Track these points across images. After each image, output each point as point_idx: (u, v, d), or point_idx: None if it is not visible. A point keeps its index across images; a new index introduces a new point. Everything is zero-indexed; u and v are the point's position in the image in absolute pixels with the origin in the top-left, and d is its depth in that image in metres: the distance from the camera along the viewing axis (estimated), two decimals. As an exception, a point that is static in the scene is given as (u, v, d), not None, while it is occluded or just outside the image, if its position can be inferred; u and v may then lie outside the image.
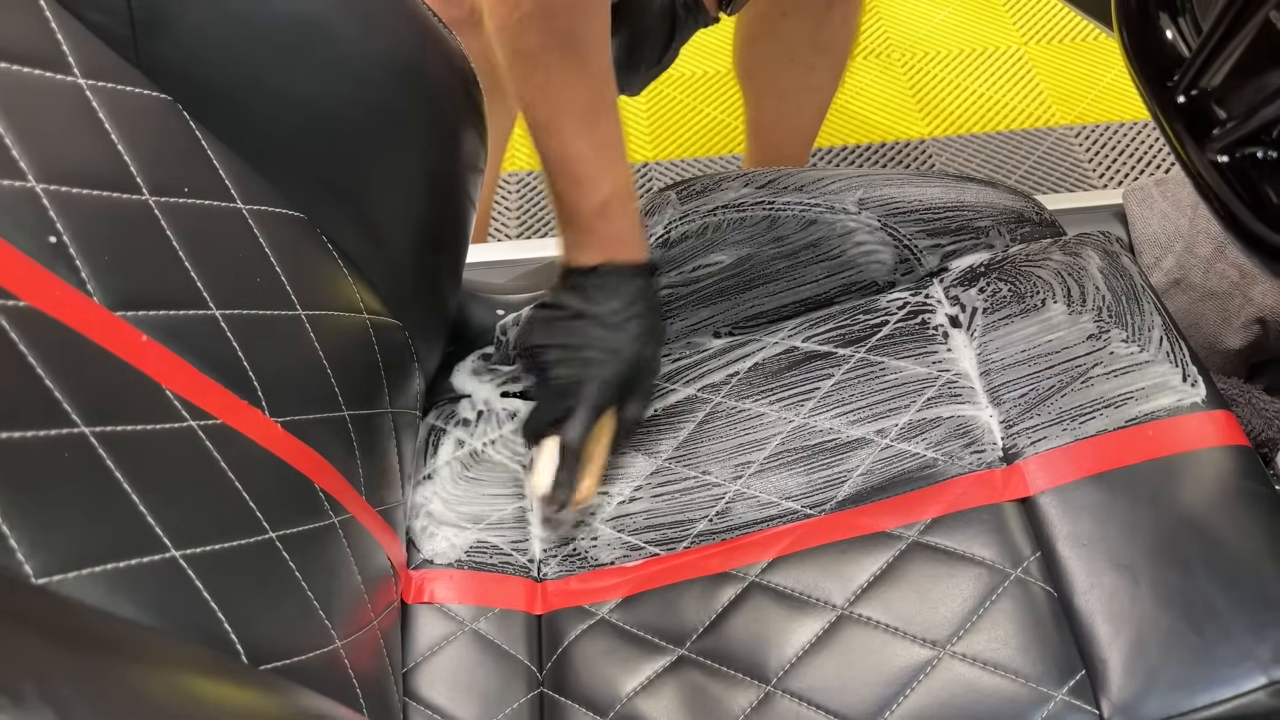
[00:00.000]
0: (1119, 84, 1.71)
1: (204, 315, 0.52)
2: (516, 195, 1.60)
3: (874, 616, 0.65)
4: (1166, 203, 1.07)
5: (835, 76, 1.20)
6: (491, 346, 0.83)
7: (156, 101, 0.54)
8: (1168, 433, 0.67)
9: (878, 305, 0.80)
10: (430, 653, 0.68)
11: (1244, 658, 0.59)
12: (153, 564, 0.43)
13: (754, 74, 1.22)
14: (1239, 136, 0.47)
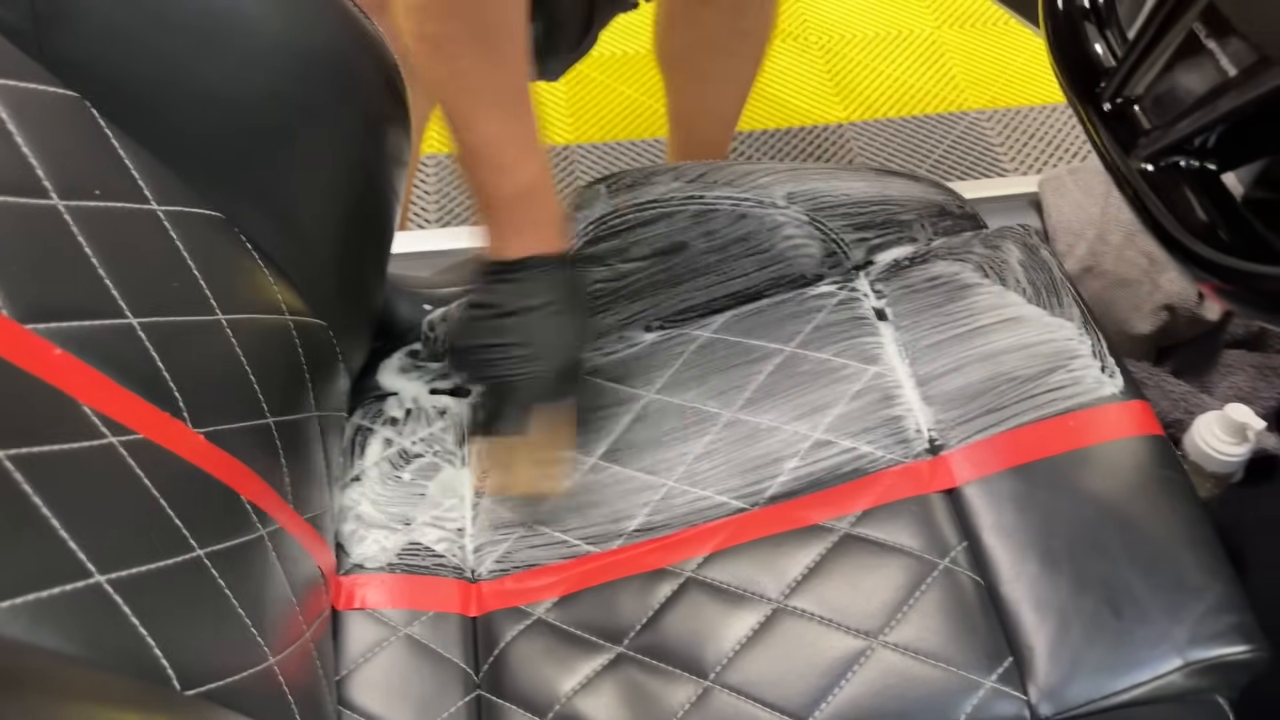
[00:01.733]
0: (1030, 68, 1.75)
1: (120, 324, 0.50)
2: (435, 179, 1.58)
3: (808, 609, 0.66)
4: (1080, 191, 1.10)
5: (755, 62, 1.21)
6: (419, 343, 0.81)
7: (63, 99, 0.51)
8: (1087, 423, 0.69)
9: (806, 298, 0.80)
10: (363, 659, 0.66)
11: (1161, 640, 0.61)
12: (76, 591, 0.41)
13: (675, 61, 1.22)
14: (1163, 145, 0.48)
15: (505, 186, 0.71)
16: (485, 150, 0.71)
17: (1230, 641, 0.61)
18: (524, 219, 0.73)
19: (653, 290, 0.80)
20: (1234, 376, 1.05)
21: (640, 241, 0.78)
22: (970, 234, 0.83)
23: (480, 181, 0.72)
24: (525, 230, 0.72)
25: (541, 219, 0.73)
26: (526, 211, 0.73)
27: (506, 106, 0.70)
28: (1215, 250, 0.47)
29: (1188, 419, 0.98)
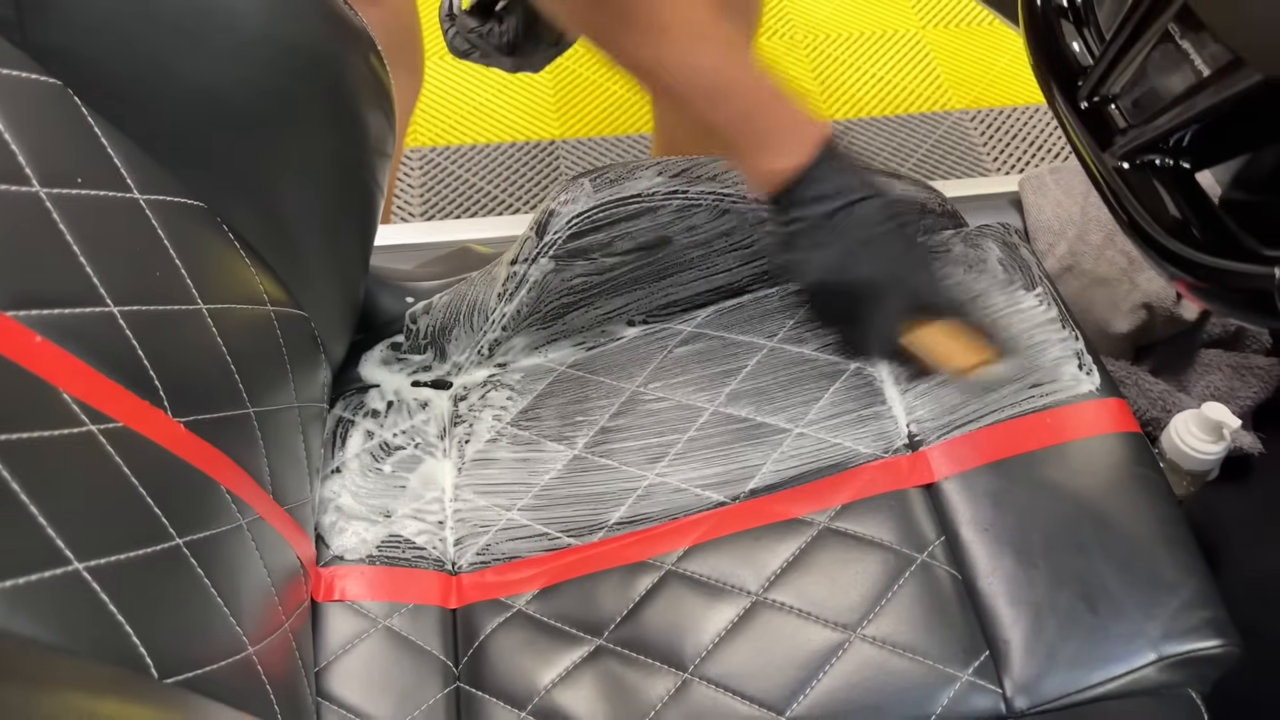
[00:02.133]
0: (1013, 68, 1.76)
1: (101, 313, 0.50)
2: (419, 172, 1.57)
3: (787, 602, 0.66)
4: (1060, 191, 1.10)
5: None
6: (401, 335, 0.81)
7: (46, 86, 0.51)
8: (1065, 420, 0.70)
9: (789, 294, 0.81)
10: (342, 651, 0.66)
11: (1135, 635, 0.62)
12: (54, 578, 0.41)
13: None
14: (1139, 143, 0.49)
15: (741, 103, 0.68)
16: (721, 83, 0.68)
17: (1203, 637, 0.62)
18: (789, 120, 0.69)
19: (636, 285, 0.80)
20: (1211, 375, 1.06)
21: (623, 236, 0.78)
22: (951, 232, 0.83)
23: (729, 117, 0.68)
24: (788, 134, 0.69)
25: (795, 116, 0.69)
26: (787, 111, 0.69)
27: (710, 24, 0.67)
28: (1189, 248, 0.48)
29: (1165, 417, 0.99)
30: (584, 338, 0.82)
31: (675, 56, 0.66)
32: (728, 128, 0.69)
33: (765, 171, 0.69)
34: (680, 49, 0.66)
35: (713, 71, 0.67)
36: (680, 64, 0.66)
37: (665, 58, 0.66)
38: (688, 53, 0.66)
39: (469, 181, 1.56)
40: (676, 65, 0.67)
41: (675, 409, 0.77)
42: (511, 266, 0.79)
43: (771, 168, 0.69)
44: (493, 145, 1.61)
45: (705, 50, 0.67)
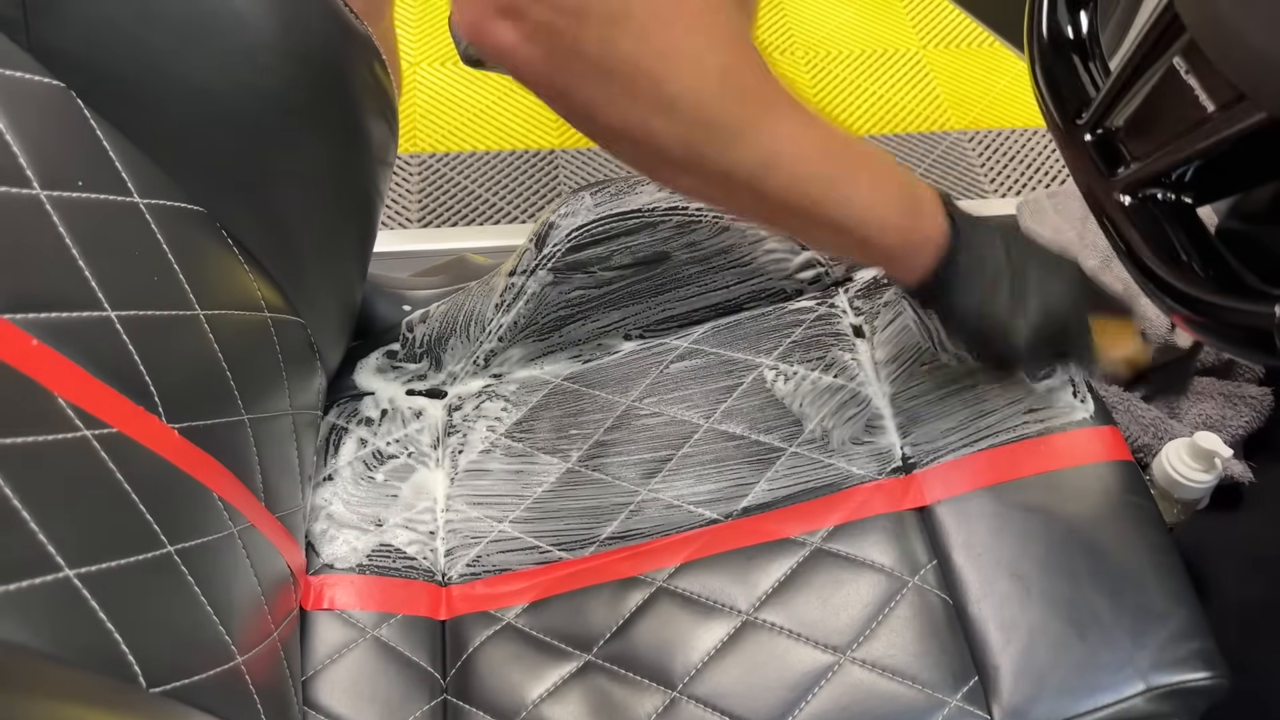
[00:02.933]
0: (1012, 90, 1.77)
1: (98, 317, 0.49)
2: (418, 179, 1.57)
3: (778, 622, 0.66)
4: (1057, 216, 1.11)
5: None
6: (397, 343, 0.81)
7: (49, 89, 0.51)
8: (1058, 447, 0.70)
9: (785, 313, 0.81)
10: (330, 660, 0.66)
11: (1125, 665, 0.62)
12: (45, 585, 0.41)
13: None
14: (1140, 176, 0.49)
15: (874, 227, 0.58)
16: (842, 208, 0.57)
17: (1192, 668, 0.62)
18: (909, 228, 0.60)
19: (633, 299, 0.80)
20: (1203, 404, 1.07)
21: (622, 250, 0.78)
22: (949, 255, 0.83)
23: (864, 238, 0.59)
24: (918, 232, 0.61)
25: (924, 196, 0.62)
26: (918, 209, 0.61)
27: (804, 116, 0.54)
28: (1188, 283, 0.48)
29: (1157, 444, 0.99)
30: (580, 351, 0.82)
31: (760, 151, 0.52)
32: (836, 249, 0.60)
33: (902, 282, 0.63)
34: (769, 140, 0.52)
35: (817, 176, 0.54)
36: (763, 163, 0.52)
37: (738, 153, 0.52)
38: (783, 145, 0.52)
39: (468, 189, 1.56)
40: (753, 165, 0.52)
41: (670, 425, 0.77)
42: (510, 278, 0.79)
43: (907, 281, 0.63)
44: (493, 153, 1.61)
45: (807, 134, 0.53)
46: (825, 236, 0.59)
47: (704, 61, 0.49)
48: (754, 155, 0.52)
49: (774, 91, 0.52)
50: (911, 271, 0.62)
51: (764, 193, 0.53)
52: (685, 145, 0.50)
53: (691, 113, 0.49)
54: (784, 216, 0.56)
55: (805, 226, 0.57)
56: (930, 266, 0.61)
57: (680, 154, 0.51)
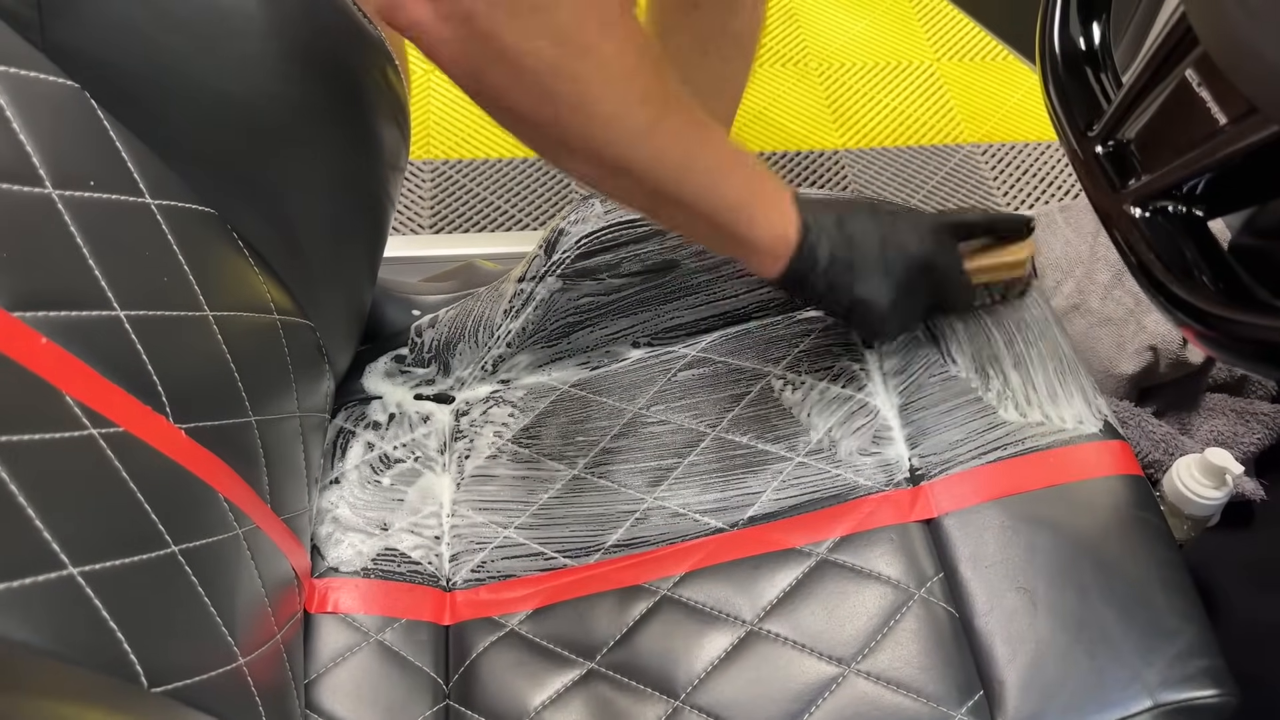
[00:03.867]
0: (1025, 104, 1.77)
1: (107, 316, 0.50)
2: (431, 185, 1.58)
3: (782, 633, 0.66)
4: (1069, 229, 1.10)
5: (747, 67, 1.21)
6: (405, 348, 0.81)
7: (63, 89, 0.51)
8: (1067, 460, 0.70)
9: (794, 322, 0.81)
10: (333, 664, 0.66)
11: (1132, 681, 0.61)
12: (48, 582, 0.41)
13: None
14: (1152, 189, 0.49)
15: (748, 199, 0.63)
16: (717, 195, 0.61)
17: (1201, 685, 0.62)
18: (776, 207, 0.65)
19: (642, 307, 0.80)
20: (1215, 420, 1.06)
21: (632, 258, 0.78)
22: (960, 267, 0.83)
23: (726, 224, 0.63)
24: (781, 214, 0.65)
25: (780, 201, 0.65)
26: (775, 199, 0.65)
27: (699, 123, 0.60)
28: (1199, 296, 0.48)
29: (1167, 460, 0.99)
30: (588, 358, 0.82)
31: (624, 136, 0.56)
32: (710, 242, 0.65)
33: (758, 271, 0.67)
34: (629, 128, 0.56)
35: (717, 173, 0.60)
36: (632, 148, 0.56)
37: (602, 136, 0.55)
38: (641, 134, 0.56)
39: (480, 196, 1.57)
40: (625, 149, 0.56)
41: (676, 433, 0.76)
42: (519, 284, 0.79)
43: (770, 273, 0.67)
44: (505, 160, 1.61)
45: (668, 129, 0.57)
46: (703, 229, 0.64)
47: (614, 63, 0.53)
48: (648, 151, 0.57)
49: (670, 92, 0.57)
50: (775, 262, 0.66)
51: (653, 185, 0.59)
52: (587, 139, 0.55)
53: (598, 110, 0.53)
54: (667, 207, 0.61)
55: (688, 220, 0.62)
56: (788, 256, 0.66)
57: (581, 145, 0.55)
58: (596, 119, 0.54)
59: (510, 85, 0.52)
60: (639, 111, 0.55)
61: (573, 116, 0.53)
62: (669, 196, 0.60)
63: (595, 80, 0.53)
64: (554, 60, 0.51)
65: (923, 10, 1.92)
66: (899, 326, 0.74)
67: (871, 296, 0.68)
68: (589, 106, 0.53)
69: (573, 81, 0.52)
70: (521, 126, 0.55)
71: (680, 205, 0.61)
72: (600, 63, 0.52)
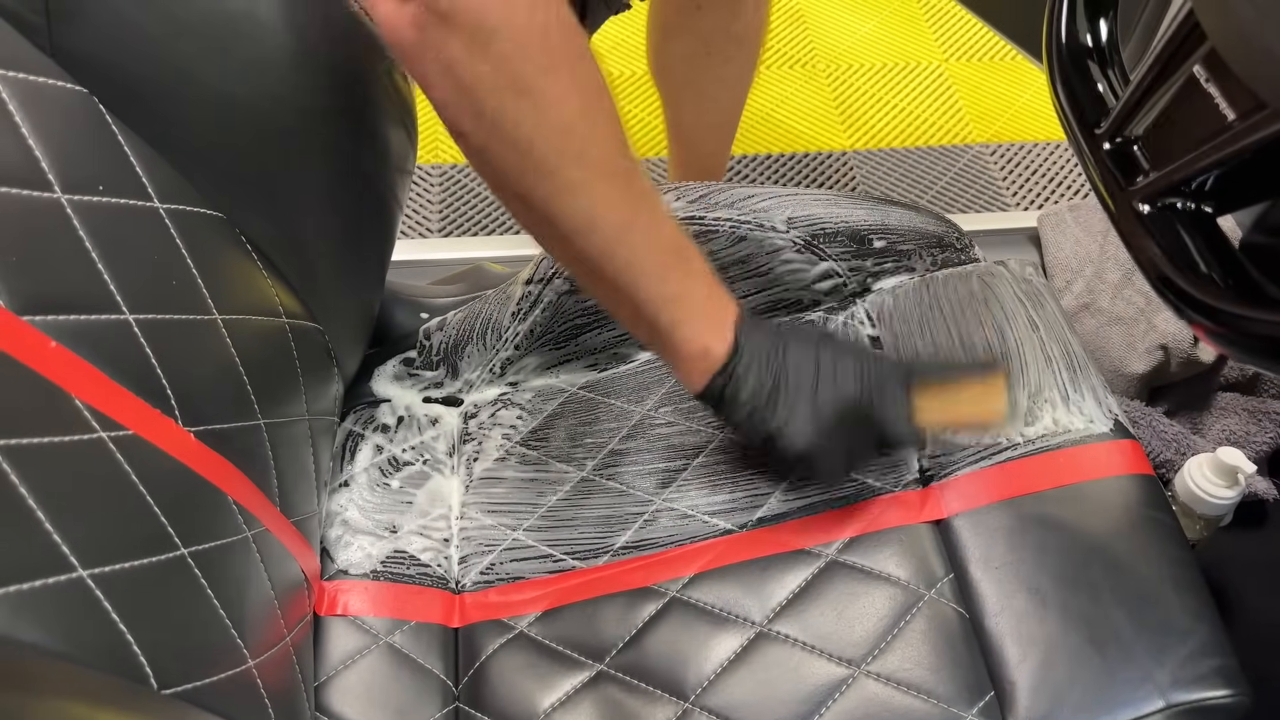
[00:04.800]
0: (1034, 104, 1.76)
1: (116, 320, 0.50)
2: (439, 188, 1.58)
3: (792, 634, 0.66)
4: (1079, 228, 1.10)
5: (750, 68, 1.21)
6: (414, 351, 0.81)
7: (71, 94, 0.51)
8: (1078, 460, 0.69)
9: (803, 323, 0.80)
10: (343, 666, 0.66)
11: (1144, 681, 0.61)
12: (58, 585, 0.41)
13: (671, 70, 1.22)
14: (1160, 186, 0.49)
15: (666, 312, 0.60)
16: (635, 268, 0.58)
17: (1213, 685, 0.61)
18: (713, 306, 0.62)
19: (650, 309, 0.80)
20: (1227, 419, 1.06)
21: (640, 260, 0.78)
22: (968, 266, 0.83)
23: (654, 317, 0.60)
24: (718, 315, 0.62)
25: (717, 292, 0.63)
26: (713, 300, 0.63)
27: (616, 167, 0.57)
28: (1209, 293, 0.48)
29: (1179, 460, 0.98)
30: (596, 359, 0.82)
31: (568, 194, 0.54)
32: (617, 313, 0.60)
33: (680, 378, 0.64)
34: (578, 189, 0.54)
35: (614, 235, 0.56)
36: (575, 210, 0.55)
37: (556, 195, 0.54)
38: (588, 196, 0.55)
39: (488, 199, 1.57)
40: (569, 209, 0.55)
41: (685, 434, 0.76)
42: (526, 286, 0.79)
43: (684, 380, 0.64)
44: (512, 164, 1.61)
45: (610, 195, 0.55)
46: (626, 315, 0.61)
47: (552, 110, 0.52)
48: (578, 213, 0.55)
49: (617, 160, 0.56)
50: (696, 375, 0.63)
51: (578, 250, 0.56)
52: (518, 178, 0.54)
53: (531, 153, 0.52)
54: (590, 278, 0.59)
55: (612, 300, 0.60)
56: (710, 373, 0.63)
57: (512, 183, 0.54)
58: (529, 161, 0.53)
59: (452, 100, 0.52)
60: (572, 169, 0.54)
61: (505, 151, 0.52)
62: (592, 267, 0.57)
63: (528, 122, 0.52)
64: (494, 87, 0.50)
65: (930, 11, 1.92)
66: (825, 472, 0.68)
67: (791, 436, 0.63)
68: (522, 146, 0.52)
69: (510, 115, 0.51)
70: (461, 141, 0.54)
71: (603, 280, 0.58)
72: (537, 105, 0.51)
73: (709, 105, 1.24)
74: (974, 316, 0.77)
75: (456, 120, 0.53)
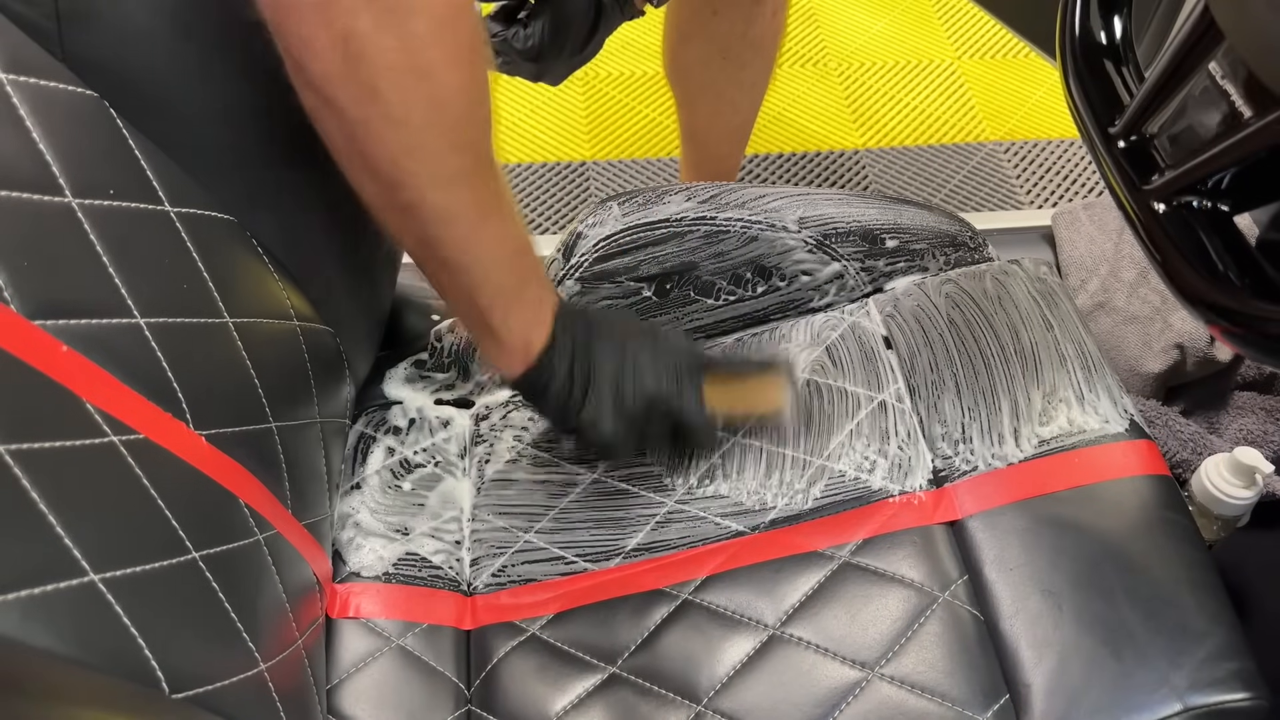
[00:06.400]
0: (1048, 101, 1.75)
1: (127, 324, 0.50)
2: (450, 190, 1.58)
3: (805, 637, 0.65)
4: (1093, 226, 1.09)
5: (766, 73, 1.21)
6: (425, 353, 0.81)
7: (82, 98, 0.51)
8: (1093, 461, 0.69)
9: (815, 324, 0.80)
10: (355, 669, 0.66)
11: (1160, 684, 0.60)
12: (69, 589, 0.41)
13: (687, 74, 1.22)
14: (1176, 184, 0.48)
15: (513, 286, 0.63)
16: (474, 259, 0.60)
17: (1231, 689, 0.61)
18: (537, 301, 0.65)
19: (660, 309, 0.80)
20: (1244, 419, 1.05)
21: (650, 260, 0.78)
22: (982, 265, 0.82)
23: (479, 322, 0.63)
24: (530, 326, 0.65)
25: (545, 291, 0.66)
26: (540, 293, 0.66)
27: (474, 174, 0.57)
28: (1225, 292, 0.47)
29: (1196, 460, 0.97)
30: (608, 361, 0.81)
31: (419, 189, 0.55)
32: (445, 296, 0.62)
33: (501, 368, 0.67)
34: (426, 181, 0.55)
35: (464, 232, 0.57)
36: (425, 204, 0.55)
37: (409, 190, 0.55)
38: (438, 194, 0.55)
39: (499, 200, 1.57)
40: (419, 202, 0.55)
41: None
42: (538, 288, 0.78)
43: (504, 370, 0.67)
44: (524, 165, 1.62)
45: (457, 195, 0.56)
46: (460, 304, 0.63)
47: (449, 100, 0.52)
48: (439, 202, 0.56)
49: (486, 156, 0.56)
50: (515, 365, 0.66)
51: (430, 236, 0.58)
52: (390, 159, 0.53)
53: (411, 137, 0.52)
54: (434, 264, 0.60)
55: (449, 287, 0.61)
56: (525, 365, 0.66)
57: (382, 163, 0.54)
58: (413, 144, 0.53)
59: (337, 73, 0.50)
60: (449, 158, 0.54)
61: (386, 131, 0.52)
62: (439, 255, 0.59)
63: (421, 106, 0.51)
64: (394, 67, 0.50)
65: (943, 8, 1.91)
66: (623, 456, 0.74)
67: (598, 424, 0.67)
68: (408, 129, 0.52)
69: (405, 97, 0.50)
70: (326, 110, 0.53)
71: (446, 268, 0.60)
72: (436, 92, 0.51)
73: (724, 109, 1.24)
74: (988, 316, 0.77)
75: (333, 93, 0.51)
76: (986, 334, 0.76)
